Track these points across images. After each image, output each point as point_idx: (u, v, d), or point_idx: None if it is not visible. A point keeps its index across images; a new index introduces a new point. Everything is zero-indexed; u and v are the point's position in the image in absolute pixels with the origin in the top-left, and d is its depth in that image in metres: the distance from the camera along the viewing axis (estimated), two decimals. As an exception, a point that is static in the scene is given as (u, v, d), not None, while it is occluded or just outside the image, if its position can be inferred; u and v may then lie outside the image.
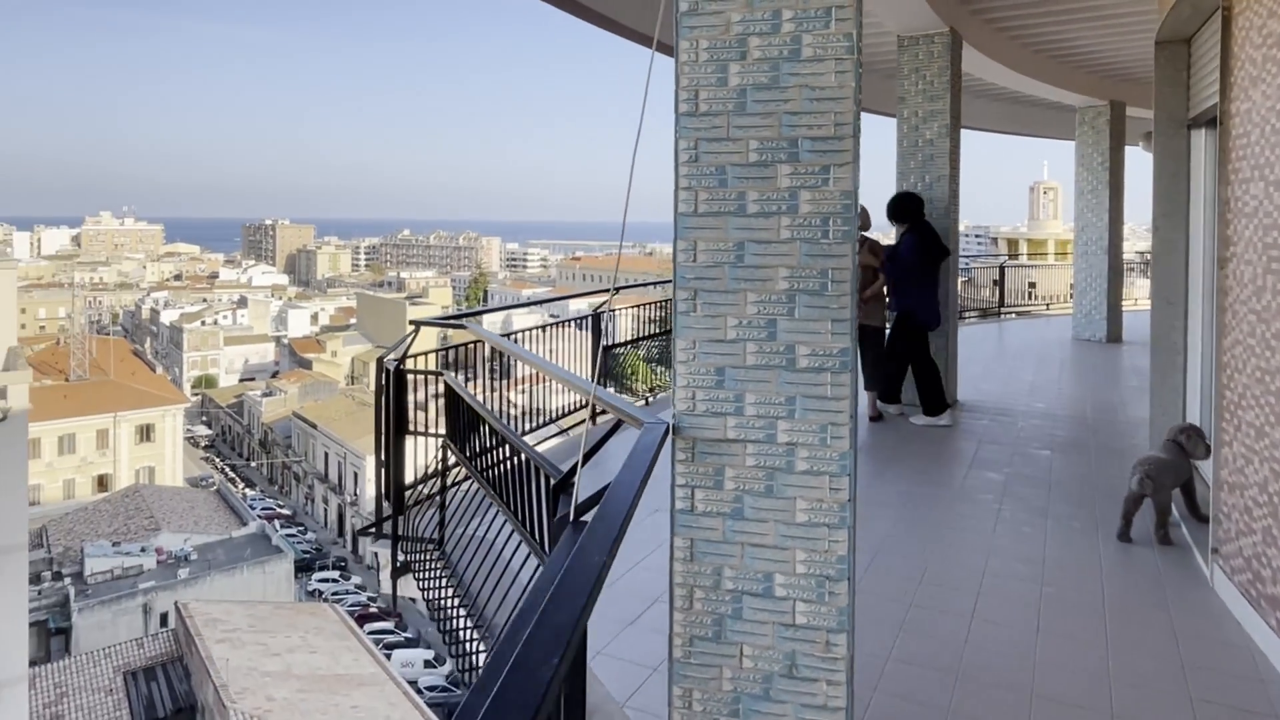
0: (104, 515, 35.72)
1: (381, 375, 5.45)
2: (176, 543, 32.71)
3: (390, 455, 5.28)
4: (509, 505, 3.82)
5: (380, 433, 5.31)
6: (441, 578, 4.68)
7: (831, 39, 2.91)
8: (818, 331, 2.81)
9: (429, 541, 5.01)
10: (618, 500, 2.10)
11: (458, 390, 4.82)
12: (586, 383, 3.50)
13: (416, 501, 5.38)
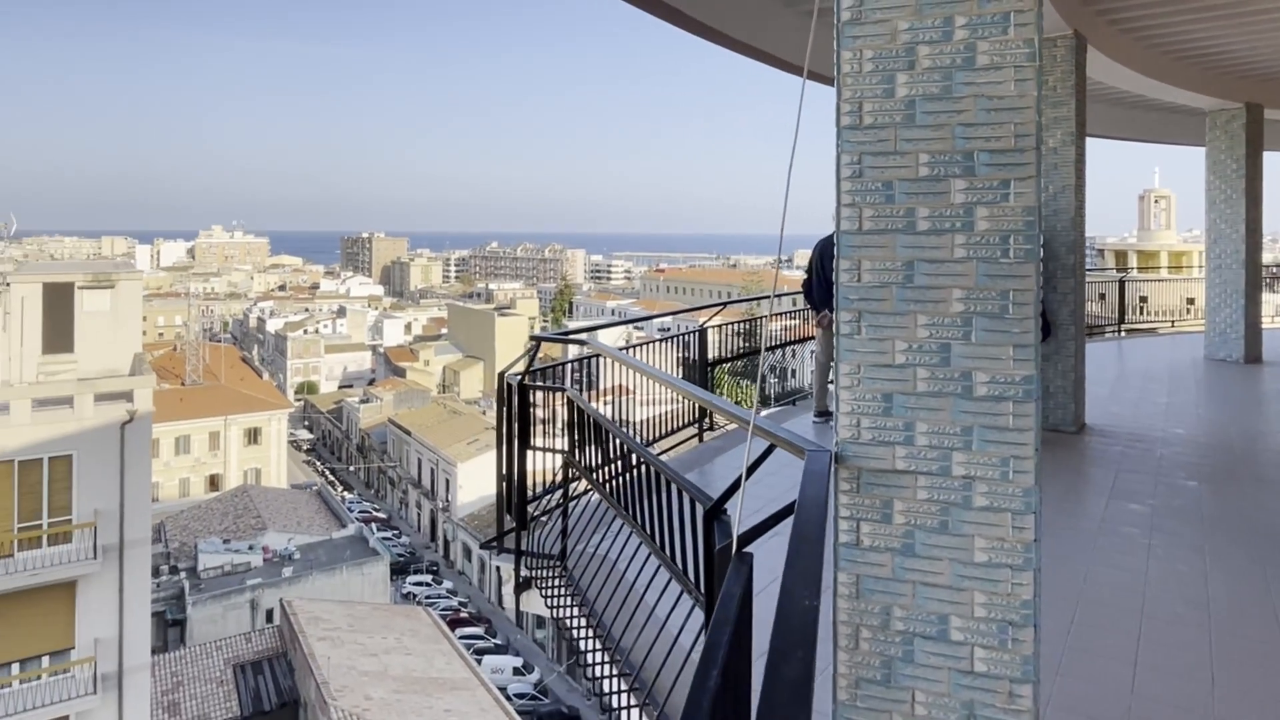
0: (215, 513, 37.75)
1: (502, 389, 5.43)
2: (281, 542, 34.28)
3: (513, 469, 5.24)
4: (645, 528, 3.72)
5: (502, 446, 5.29)
6: (565, 594, 4.62)
7: (1010, 45, 2.73)
8: (998, 357, 2.62)
9: (551, 557, 4.95)
10: (808, 536, 1.98)
11: (582, 406, 4.75)
12: (729, 405, 3.40)
13: (535, 516, 5.35)
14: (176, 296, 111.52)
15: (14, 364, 22.37)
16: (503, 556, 5.30)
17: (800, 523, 2.03)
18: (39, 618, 17.66)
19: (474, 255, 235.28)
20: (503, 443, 5.32)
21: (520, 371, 5.41)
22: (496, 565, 41.62)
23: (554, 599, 4.65)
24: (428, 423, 55.53)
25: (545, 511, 5.47)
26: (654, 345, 8.85)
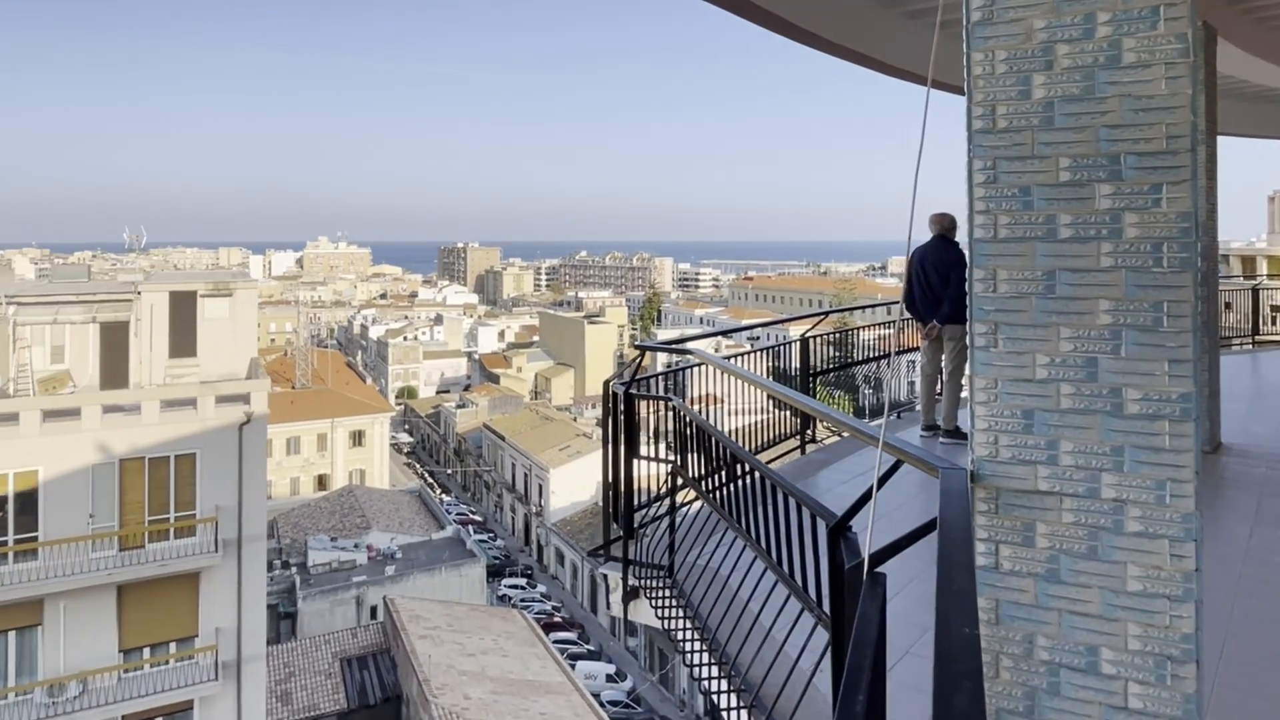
0: (323, 512, 39.60)
1: (608, 397, 5.42)
2: (384, 541, 35.66)
3: (619, 477, 5.23)
4: (759, 542, 3.65)
5: (608, 455, 5.28)
6: (674, 605, 4.54)
7: (1160, 41, 2.57)
8: (1151, 373, 2.46)
9: (659, 567, 4.86)
10: (957, 560, 1.89)
11: (690, 416, 4.69)
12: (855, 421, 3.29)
13: (643, 525, 5.32)
14: (286, 304, 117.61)
15: (144, 367, 24.01)
16: (609, 564, 5.27)
17: (945, 545, 1.95)
18: (167, 606, 18.84)
19: (564, 264, 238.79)
20: (609, 451, 5.31)
21: (626, 380, 5.38)
22: (591, 571, 42.06)
23: (663, 610, 4.59)
24: (520, 428, 56.70)
25: (653, 520, 5.42)
26: (753, 355, 8.67)
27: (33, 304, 23.59)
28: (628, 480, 5.23)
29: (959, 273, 7.27)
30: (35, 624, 17.51)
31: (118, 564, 18.20)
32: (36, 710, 16.81)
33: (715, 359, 5.83)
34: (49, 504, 17.87)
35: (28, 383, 22.33)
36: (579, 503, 47.65)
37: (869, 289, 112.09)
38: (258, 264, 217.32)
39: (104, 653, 17.91)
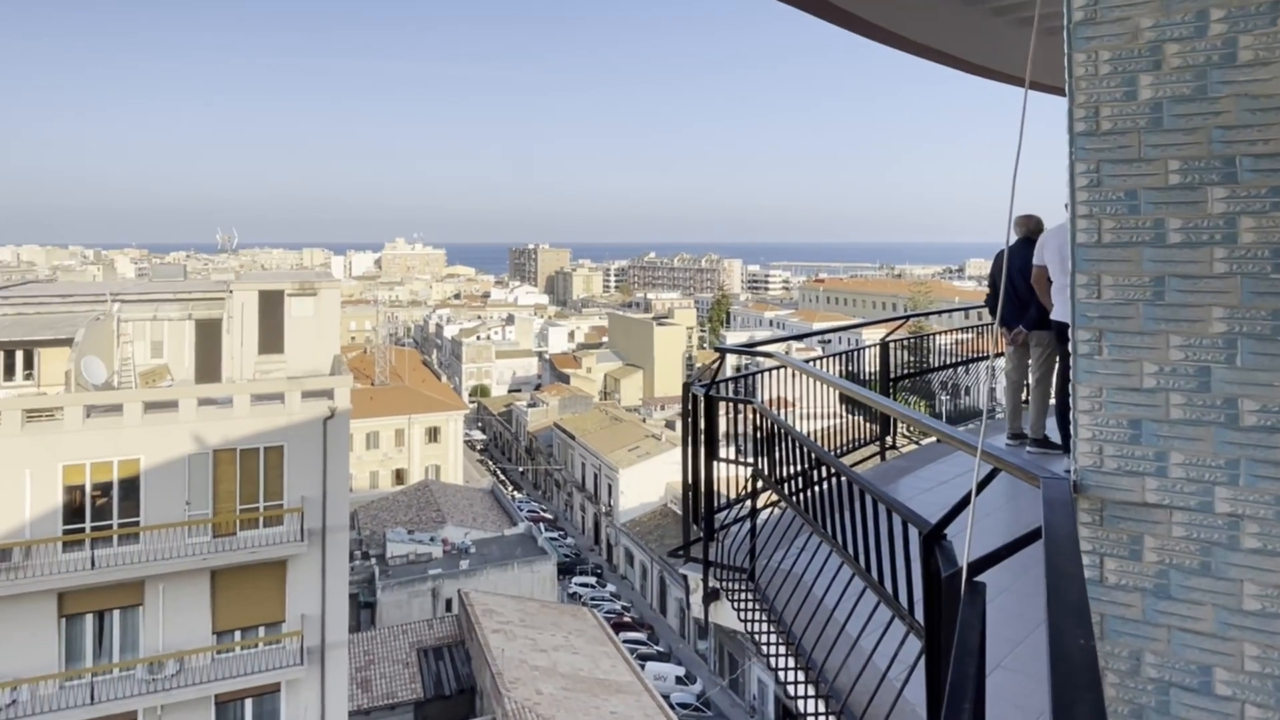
0: (401, 505, 40.78)
1: (687, 400, 5.47)
2: (458, 535, 36.50)
3: (699, 479, 5.26)
4: (846, 547, 3.61)
5: (687, 456, 5.33)
6: (755, 608, 4.55)
7: (1279, 38, 2.48)
8: (1270, 384, 2.37)
9: (740, 570, 4.87)
10: (1066, 570, 1.86)
11: (772, 419, 4.66)
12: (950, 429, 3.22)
13: (722, 527, 5.28)
14: (365, 303, 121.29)
15: (235, 362, 25.17)
16: (690, 565, 5.30)
17: (1054, 556, 1.92)
18: (256, 591, 19.68)
19: (632, 265, 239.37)
20: (688, 452, 5.36)
21: (706, 383, 5.42)
22: (660, 573, 42.14)
23: (745, 612, 4.59)
24: (590, 428, 57.21)
25: (733, 522, 5.41)
26: (827, 360, 8.55)
27: (135, 301, 24.97)
28: (708, 482, 5.26)
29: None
30: (137, 604, 18.56)
31: (211, 550, 19.08)
32: (138, 686, 17.82)
33: (798, 363, 5.78)
34: (149, 491, 18.85)
35: (130, 376, 23.67)
36: (648, 504, 47.75)
37: (945, 292, 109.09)
38: (339, 264, 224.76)
39: (198, 634, 18.85)
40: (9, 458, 17.51)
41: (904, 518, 2.94)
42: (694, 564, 5.25)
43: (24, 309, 23.98)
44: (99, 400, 18.98)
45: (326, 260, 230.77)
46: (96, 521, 18.42)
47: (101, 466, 18.63)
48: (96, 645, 18.20)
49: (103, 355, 22.74)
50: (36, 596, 17.46)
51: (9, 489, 17.50)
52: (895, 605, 3.07)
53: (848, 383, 5.53)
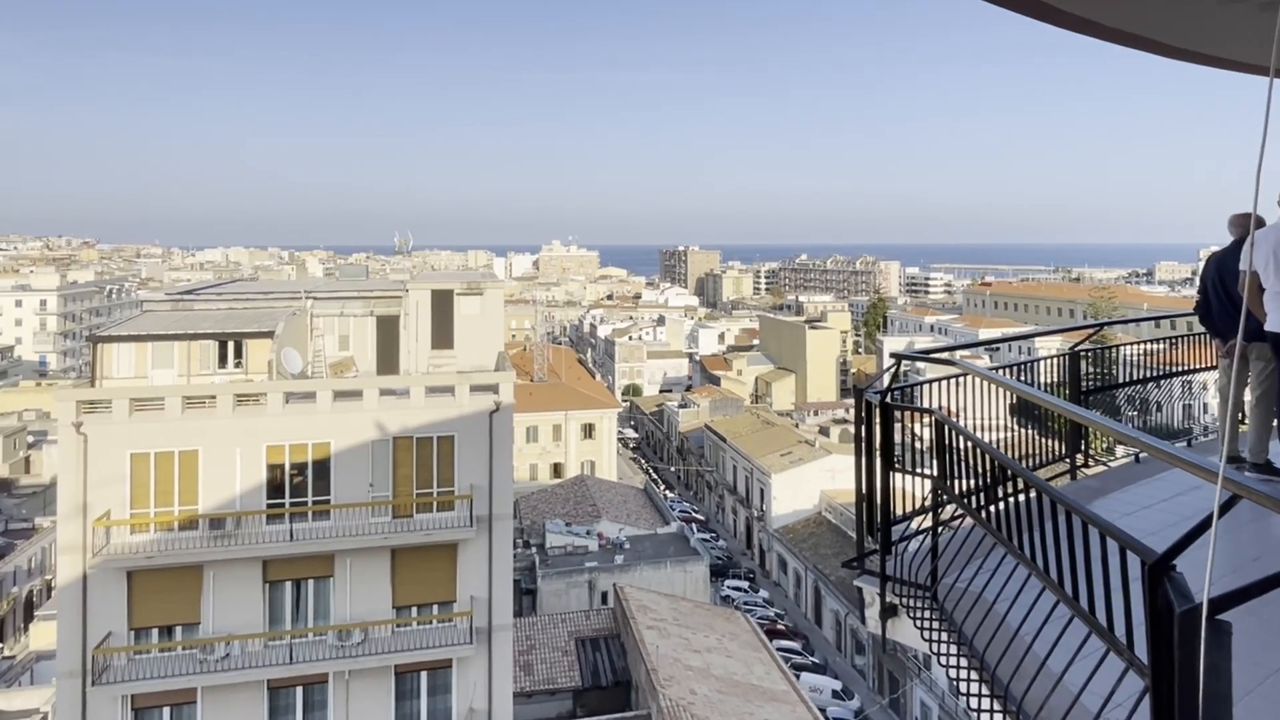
0: (558, 498, 42.03)
1: (861, 407, 5.26)
2: (613, 531, 37.15)
3: (874, 489, 5.09)
4: (1048, 571, 3.21)
5: (861, 465, 5.17)
6: (938, 629, 4.25)
7: None
8: None
9: (920, 586, 4.58)
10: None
11: (957, 430, 4.30)
12: (1187, 453, 2.69)
13: (901, 539, 5.01)
14: (524, 303, 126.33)
15: (411, 357, 26.71)
16: (865, 578, 5.12)
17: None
18: (430, 571, 20.72)
19: (783, 267, 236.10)
20: (862, 461, 5.20)
21: (881, 390, 5.24)
22: (815, 582, 41.02)
23: (928, 633, 4.30)
24: (741, 431, 56.67)
25: (913, 535, 5.05)
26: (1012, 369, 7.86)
27: (324, 299, 27.04)
28: (884, 493, 5.09)
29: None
30: (328, 575, 20.01)
31: (391, 529, 20.26)
32: (329, 650, 19.25)
33: (979, 369, 5.41)
34: (338, 472, 20.25)
35: (322, 366, 25.62)
36: (802, 511, 46.65)
37: (1132, 298, 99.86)
38: (500, 265, 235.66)
39: (380, 607, 20.07)
40: (223, 437, 19.32)
41: (1123, 544, 2.61)
42: (868, 577, 5.07)
43: (234, 304, 26.56)
44: (296, 388, 20.60)
45: (489, 261, 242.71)
46: (294, 498, 19.95)
47: (298, 448, 20.17)
48: (294, 610, 19.78)
49: (298, 347, 24.73)
50: (246, 563, 19.19)
51: (222, 465, 19.31)
52: (1110, 638, 2.77)
53: (1052, 397, 5.13)
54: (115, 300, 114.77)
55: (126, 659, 18.22)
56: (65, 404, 18.80)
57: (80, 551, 18.14)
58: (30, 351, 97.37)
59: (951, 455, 4.42)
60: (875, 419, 5.15)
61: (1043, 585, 3.34)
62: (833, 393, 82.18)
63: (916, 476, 5.06)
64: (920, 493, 4.94)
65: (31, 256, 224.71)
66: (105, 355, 22.48)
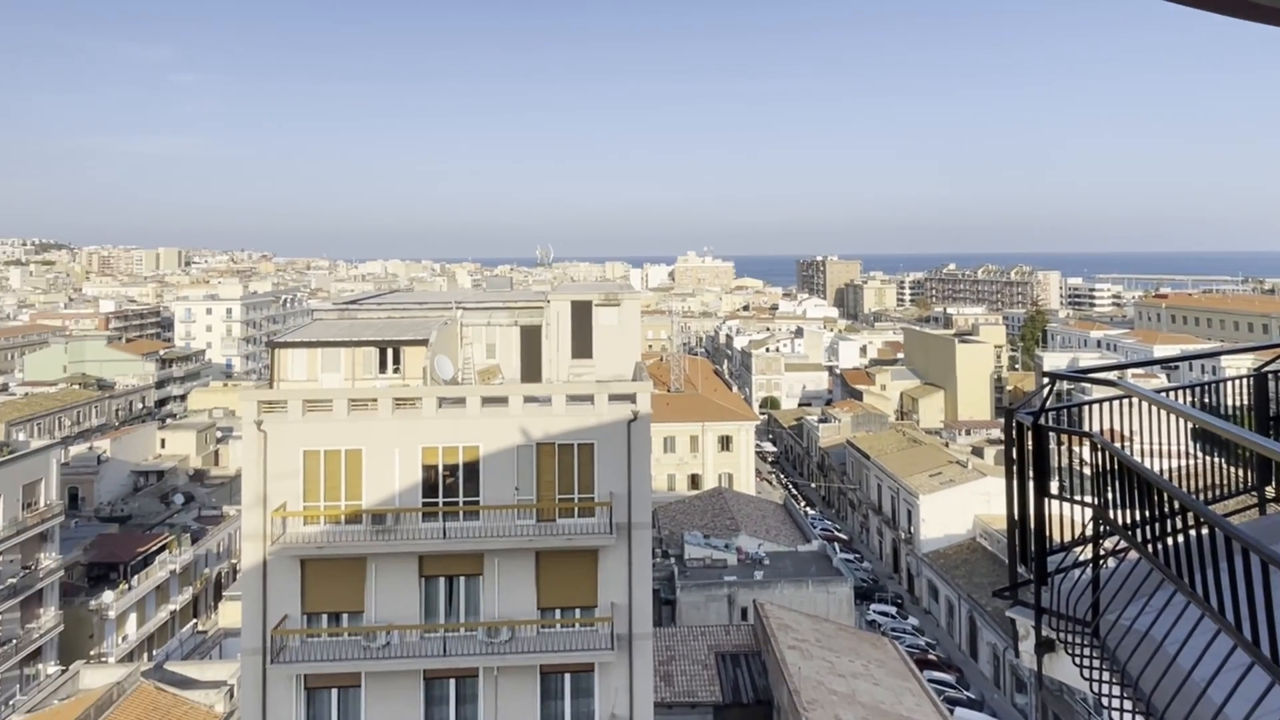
0: (696, 510, 41.77)
1: (1011, 429, 4.91)
2: (752, 545, 36.49)
3: (1026, 516, 4.77)
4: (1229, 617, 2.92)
5: (1012, 490, 4.86)
6: (1101, 668, 3.97)
7: None
8: None
9: (1080, 622, 4.26)
10: None
11: (1119, 456, 3.98)
12: None
13: (1058, 570, 4.68)
14: (660, 314, 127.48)
15: (553, 365, 27.33)
16: (1017, 609, 4.82)
17: None
18: (572, 576, 20.99)
19: (929, 278, 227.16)
20: (1013, 486, 4.89)
21: (1034, 410, 4.89)
22: (970, 612, 38.59)
23: (1089, 671, 4.01)
24: (886, 448, 54.39)
25: (1072, 566, 4.76)
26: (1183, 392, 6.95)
27: (473, 309, 28.19)
28: (1038, 521, 4.77)
29: None
30: (478, 573, 20.67)
31: (536, 532, 20.68)
32: (479, 646, 19.87)
33: (1142, 391, 4.82)
34: (486, 475, 20.88)
35: (471, 373, 26.66)
36: (954, 535, 44.08)
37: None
38: (636, 277, 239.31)
39: (526, 607, 20.52)
40: (383, 437, 20.41)
41: None
42: (1022, 608, 4.75)
43: (392, 314, 28.17)
44: (448, 393, 21.48)
45: (626, 273, 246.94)
46: (447, 497, 20.75)
47: (450, 450, 21.00)
48: (447, 605, 20.56)
49: (449, 355, 25.84)
50: (404, 557, 20.15)
51: (383, 464, 20.38)
52: None
53: (1241, 429, 4.45)
54: (289, 309, 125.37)
55: (300, 641, 19.54)
56: (248, 403, 20.40)
57: (261, 539, 19.62)
58: (218, 355, 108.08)
59: (1115, 483, 4.12)
60: (1026, 441, 4.84)
61: (1218, 627, 3.10)
62: (986, 411, 77.54)
63: (1076, 504, 4.77)
64: (1080, 521, 4.65)
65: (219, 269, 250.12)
66: (282, 359, 24.32)
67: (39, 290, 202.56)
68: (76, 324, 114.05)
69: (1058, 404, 5.52)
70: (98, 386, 78.41)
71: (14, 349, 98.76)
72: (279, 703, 19.46)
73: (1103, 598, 4.23)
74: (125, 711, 24.59)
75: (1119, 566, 4.39)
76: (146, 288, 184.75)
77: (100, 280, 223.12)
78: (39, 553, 38.59)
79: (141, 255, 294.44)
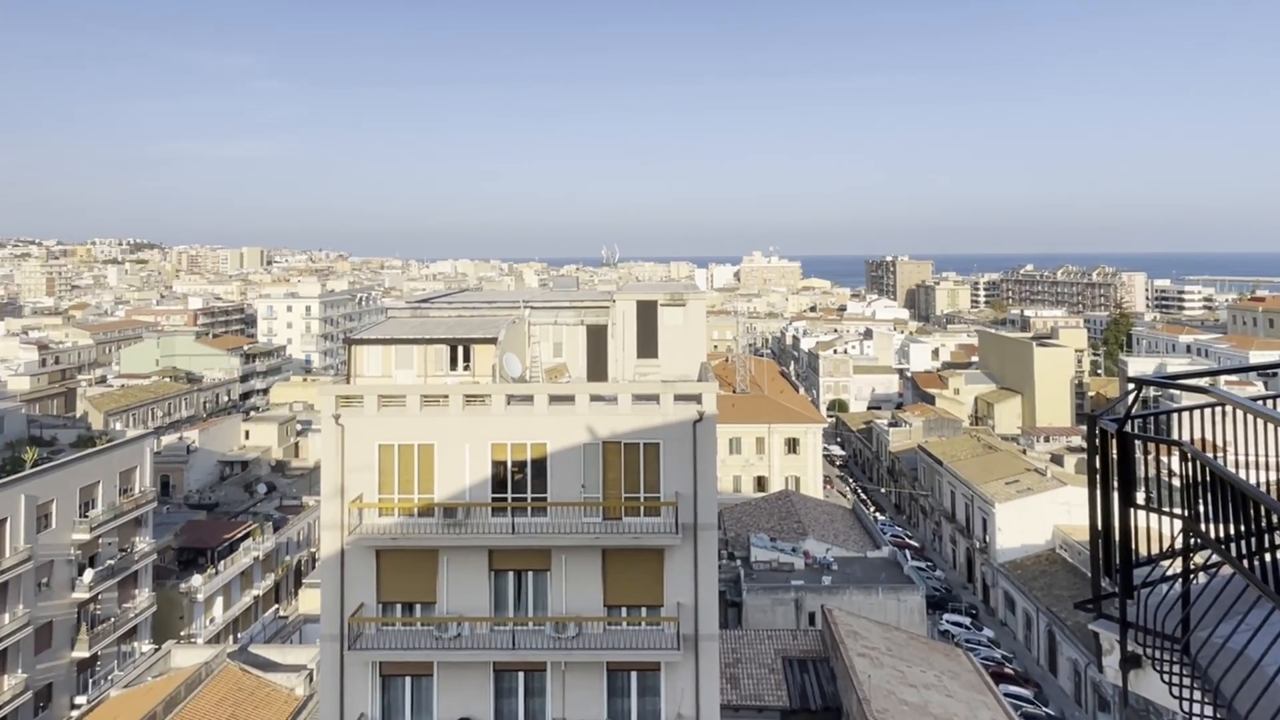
0: (762, 512, 41.36)
1: (1095, 436, 4.76)
2: (820, 550, 35.92)
3: (1110, 527, 4.63)
4: None
5: (1095, 500, 4.72)
6: (1192, 687, 3.82)
7: None
8: None
9: (1169, 638, 4.11)
10: None
11: (1212, 467, 3.83)
12: None
13: (1145, 584, 4.51)
14: (725, 314, 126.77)
15: (618, 365, 27.38)
16: (1101, 622, 4.70)
17: None
18: (638, 574, 20.99)
19: (1005, 279, 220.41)
20: (1096, 495, 4.75)
21: (1118, 418, 4.72)
22: (1049, 626, 37.20)
23: (1178, 689, 3.86)
24: (960, 454, 52.87)
25: (1160, 580, 4.55)
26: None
27: (540, 308, 28.47)
28: (1123, 532, 4.61)
29: None
30: (545, 569, 20.88)
31: (602, 530, 20.75)
32: (547, 640, 20.07)
33: (1239, 399, 4.49)
34: (554, 472, 21.04)
35: (538, 371, 26.93)
36: (1032, 546, 42.57)
37: None
38: (701, 277, 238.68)
39: (592, 604, 20.62)
40: (454, 433, 20.78)
41: None
42: (1106, 621, 4.63)
43: (462, 312, 28.65)
44: (517, 390, 21.73)
45: (690, 273, 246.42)
46: (515, 493, 21.00)
47: (519, 447, 21.24)
48: (516, 599, 20.82)
49: (517, 353, 26.13)
50: (474, 551, 20.50)
51: (454, 459, 20.76)
52: None
53: None
54: (364, 307, 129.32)
55: (375, 629, 20.08)
56: (326, 398, 21.04)
57: (339, 529, 20.23)
58: (298, 350, 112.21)
59: (1208, 495, 3.97)
60: (1110, 449, 4.68)
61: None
62: (1066, 417, 74.64)
63: (1164, 515, 4.55)
64: (1168, 534, 4.45)
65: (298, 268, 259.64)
66: (358, 356, 25.00)
67: (133, 288, 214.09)
68: (167, 320, 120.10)
69: (1144, 411, 5.26)
70: (187, 379, 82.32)
71: (111, 343, 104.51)
72: (355, 688, 20.05)
73: (1193, 613, 4.10)
74: (213, 690, 25.75)
75: (1210, 581, 4.22)
76: (231, 286, 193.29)
77: (189, 278, 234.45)
78: (134, 536, 40.79)
79: (226, 254, 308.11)
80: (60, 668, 36.06)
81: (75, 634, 36.50)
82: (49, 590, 35.59)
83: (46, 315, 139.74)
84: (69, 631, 36.43)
